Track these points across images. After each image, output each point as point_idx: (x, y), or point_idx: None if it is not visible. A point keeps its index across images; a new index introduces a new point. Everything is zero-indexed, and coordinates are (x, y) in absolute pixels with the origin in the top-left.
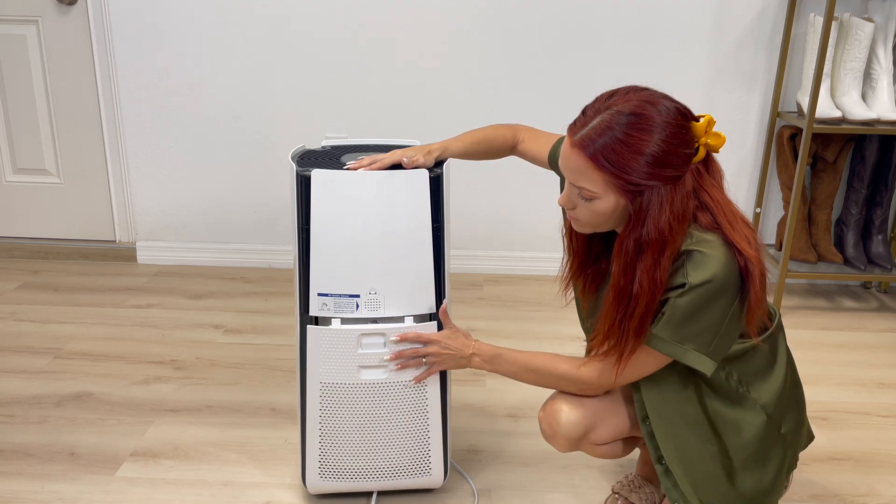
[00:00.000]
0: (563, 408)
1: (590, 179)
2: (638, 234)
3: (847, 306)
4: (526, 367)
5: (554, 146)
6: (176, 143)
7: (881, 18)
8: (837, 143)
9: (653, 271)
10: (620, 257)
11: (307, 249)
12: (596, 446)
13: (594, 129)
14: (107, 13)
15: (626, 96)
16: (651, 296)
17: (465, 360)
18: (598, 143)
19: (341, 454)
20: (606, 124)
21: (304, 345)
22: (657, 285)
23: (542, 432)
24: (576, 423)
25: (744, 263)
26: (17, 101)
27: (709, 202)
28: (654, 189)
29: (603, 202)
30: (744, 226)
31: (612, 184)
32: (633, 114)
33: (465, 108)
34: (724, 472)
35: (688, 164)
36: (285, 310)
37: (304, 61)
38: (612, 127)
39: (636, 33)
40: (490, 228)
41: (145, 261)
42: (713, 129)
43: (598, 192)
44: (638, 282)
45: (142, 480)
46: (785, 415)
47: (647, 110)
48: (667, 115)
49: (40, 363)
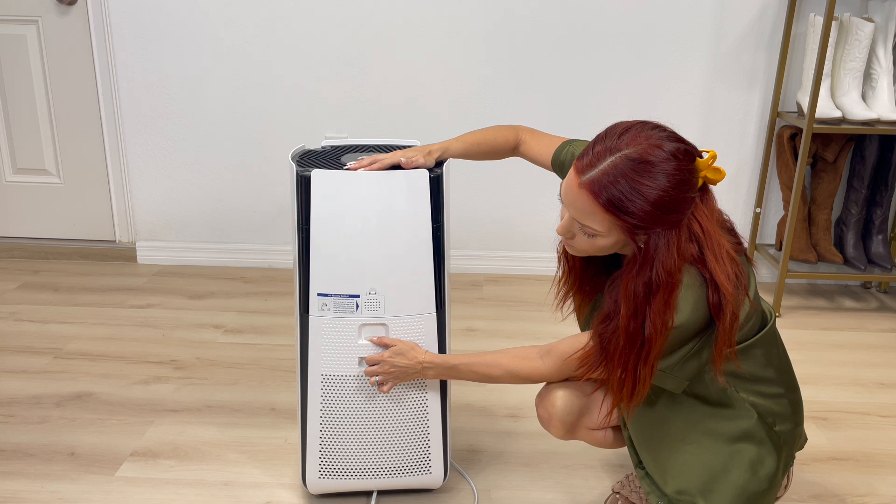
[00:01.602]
0: (559, 392)
1: (595, 220)
2: (647, 277)
3: (847, 306)
4: (485, 375)
5: (557, 150)
6: (176, 143)
7: (881, 18)
8: (837, 143)
9: (664, 313)
10: (630, 301)
11: (307, 249)
12: (592, 432)
13: (603, 172)
14: (107, 13)
15: (637, 137)
16: (664, 337)
17: (416, 374)
18: (606, 187)
19: (341, 452)
20: (615, 168)
21: (304, 336)
22: (668, 327)
23: (539, 418)
24: (570, 406)
25: (717, 300)
26: (17, 101)
27: (699, 234)
28: (660, 233)
29: (605, 239)
30: (729, 261)
31: (617, 225)
32: (642, 160)
33: (465, 108)
34: (711, 473)
35: (690, 206)
36: (285, 310)
37: (304, 61)
38: (620, 172)
39: (636, 33)
40: (490, 228)
41: (145, 261)
42: (714, 164)
43: (601, 231)
44: (651, 325)
45: (142, 480)
46: (779, 414)
47: (656, 156)
48: (675, 160)
49: (40, 363)
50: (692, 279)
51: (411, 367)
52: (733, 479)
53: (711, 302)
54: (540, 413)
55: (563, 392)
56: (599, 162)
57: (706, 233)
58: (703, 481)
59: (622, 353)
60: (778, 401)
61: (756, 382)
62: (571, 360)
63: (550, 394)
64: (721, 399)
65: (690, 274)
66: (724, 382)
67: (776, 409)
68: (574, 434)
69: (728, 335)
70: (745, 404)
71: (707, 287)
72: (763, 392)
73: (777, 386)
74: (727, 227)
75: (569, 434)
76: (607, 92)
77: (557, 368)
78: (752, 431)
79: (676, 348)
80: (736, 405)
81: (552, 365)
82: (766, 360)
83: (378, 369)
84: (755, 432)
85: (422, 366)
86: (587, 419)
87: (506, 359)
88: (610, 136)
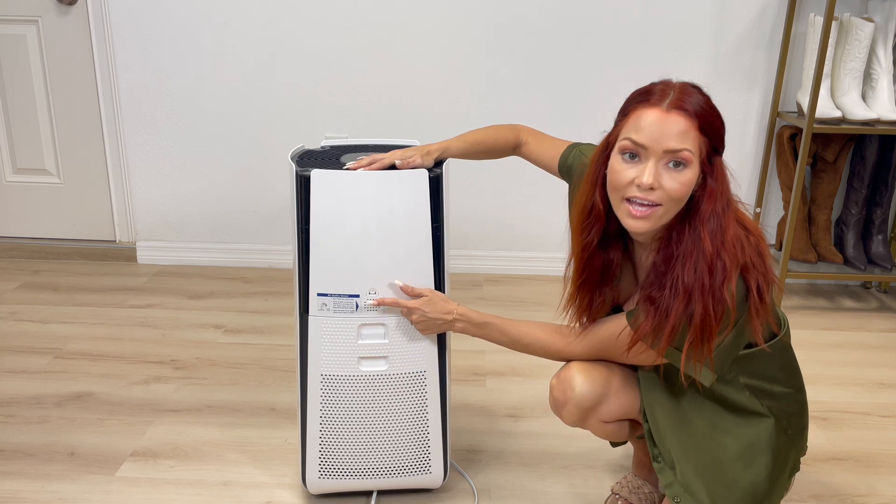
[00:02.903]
0: (578, 377)
1: (690, 139)
2: (724, 200)
3: (847, 306)
4: (517, 340)
5: (564, 153)
6: (176, 143)
7: (881, 18)
8: (837, 143)
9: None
10: (711, 220)
11: (307, 249)
12: (603, 423)
13: (684, 93)
14: (107, 13)
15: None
16: (735, 261)
17: (446, 325)
18: (693, 105)
19: (341, 452)
20: (693, 91)
21: (304, 336)
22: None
23: (552, 400)
24: (589, 392)
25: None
26: (17, 101)
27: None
28: (718, 166)
29: (691, 171)
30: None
31: (702, 148)
32: (697, 86)
33: (465, 107)
34: (727, 470)
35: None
36: (285, 310)
37: (303, 61)
38: (699, 94)
39: (636, 33)
40: (490, 228)
41: (145, 261)
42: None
43: (694, 152)
44: (730, 241)
45: (142, 480)
46: (791, 417)
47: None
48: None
49: (40, 363)
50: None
51: (442, 318)
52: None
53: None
54: (556, 395)
55: (583, 378)
56: (670, 90)
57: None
58: (716, 477)
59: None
60: (790, 403)
61: (773, 383)
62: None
63: (570, 377)
64: (741, 402)
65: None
66: (766, 348)
67: (788, 410)
68: (585, 422)
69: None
70: (763, 407)
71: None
72: (776, 393)
73: (789, 387)
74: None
75: (580, 421)
76: (607, 92)
77: (590, 349)
78: (769, 434)
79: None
80: (755, 408)
81: (586, 345)
82: (786, 362)
83: (406, 314)
84: (771, 435)
85: (452, 317)
86: (602, 409)
87: (540, 331)
88: (657, 83)
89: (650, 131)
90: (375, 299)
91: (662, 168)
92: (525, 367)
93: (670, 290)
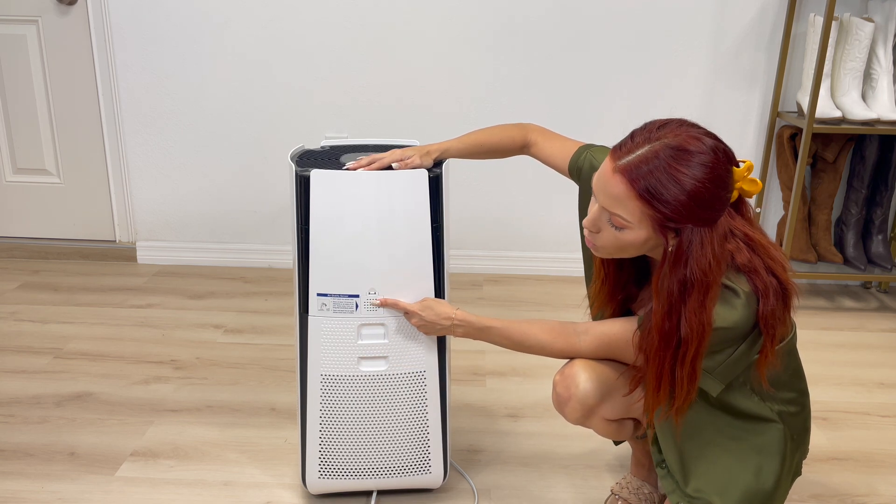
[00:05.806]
0: (582, 374)
1: (626, 208)
2: (682, 275)
3: (847, 306)
4: (520, 343)
5: (575, 154)
6: (176, 143)
7: (881, 18)
8: (837, 143)
9: (700, 314)
10: (663, 299)
11: (306, 249)
12: (606, 422)
13: (640, 157)
14: (107, 13)
15: (676, 130)
16: (700, 339)
17: (446, 330)
18: (643, 173)
19: (341, 451)
20: (653, 154)
21: (304, 336)
22: (705, 328)
23: (555, 397)
24: (593, 390)
25: (763, 312)
26: (17, 101)
27: (749, 242)
28: (692, 229)
29: (633, 233)
30: (780, 268)
31: (649, 216)
32: (680, 148)
33: (465, 107)
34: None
35: (724, 207)
36: (285, 310)
37: (303, 61)
38: (658, 158)
39: (636, 33)
40: (490, 228)
41: (145, 261)
42: (750, 176)
43: (631, 222)
44: (687, 325)
45: (142, 480)
46: (796, 421)
47: (695, 147)
48: (713, 155)
49: (40, 363)
50: (741, 284)
51: (439, 323)
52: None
53: (761, 312)
54: (559, 391)
55: (587, 375)
56: (637, 149)
57: (756, 242)
58: (723, 483)
59: (657, 353)
60: (796, 406)
61: (780, 387)
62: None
63: (574, 374)
64: (750, 408)
65: (740, 279)
66: (769, 388)
67: (794, 414)
68: (588, 420)
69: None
70: (772, 412)
71: (757, 296)
72: (784, 397)
73: (795, 391)
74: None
75: (583, 419)
76: (607, 91)
77: (598, 350)
78: (778, 439)
79: (722, 349)
80: (764, 414)
81: (594, 345)
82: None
83: (407, 317)
84: (780, 440)
85: (451, 322)
86: (605, 407)
87: (543, 332)
88: (648, 128)
89: (596, 182)
90: (378, 299)
91: (604, 222)
92: (525, 367)
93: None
